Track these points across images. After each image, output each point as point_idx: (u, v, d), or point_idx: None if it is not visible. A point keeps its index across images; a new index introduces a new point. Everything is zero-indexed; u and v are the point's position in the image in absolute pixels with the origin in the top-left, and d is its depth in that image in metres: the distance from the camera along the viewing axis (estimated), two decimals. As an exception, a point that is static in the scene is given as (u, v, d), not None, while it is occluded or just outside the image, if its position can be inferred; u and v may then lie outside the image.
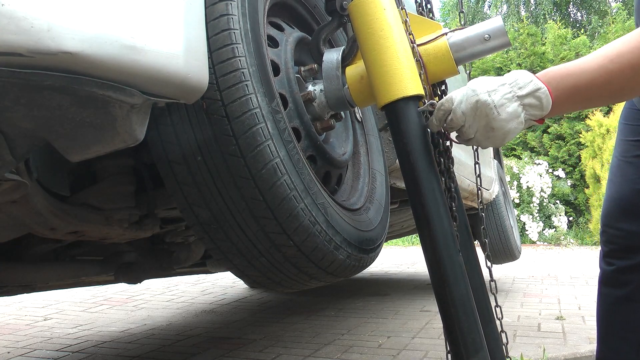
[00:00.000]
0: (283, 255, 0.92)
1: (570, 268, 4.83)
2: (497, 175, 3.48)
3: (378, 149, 1.31)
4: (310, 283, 1.03)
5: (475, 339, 0.91)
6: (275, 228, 0.87)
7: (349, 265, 1.01)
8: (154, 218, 1.15)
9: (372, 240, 1.10)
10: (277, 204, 0.85)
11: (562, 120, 8.76)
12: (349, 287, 3.99)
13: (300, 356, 2.11)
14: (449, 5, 16.77)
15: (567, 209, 8.25)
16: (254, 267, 0.94)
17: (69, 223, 0.95)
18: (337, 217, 0.98)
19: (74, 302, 3.42)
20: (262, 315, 2.96)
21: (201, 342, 2.36)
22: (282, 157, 0.85)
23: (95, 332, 2.62)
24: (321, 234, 0.92)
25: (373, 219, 1.15)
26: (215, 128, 0.81)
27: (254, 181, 0.83)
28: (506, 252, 3.45)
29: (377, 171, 1.27)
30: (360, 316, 2.85)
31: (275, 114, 0.87)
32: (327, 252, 0.94)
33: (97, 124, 0.67)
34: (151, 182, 1.07)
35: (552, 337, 2.30)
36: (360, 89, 1.04)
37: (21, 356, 2.21)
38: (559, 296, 3.35)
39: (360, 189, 1.20)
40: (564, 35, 9.39)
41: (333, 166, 1.11)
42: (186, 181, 0.85)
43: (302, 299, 3.46)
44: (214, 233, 0.89)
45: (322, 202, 0.94)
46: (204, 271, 2.62)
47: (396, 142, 0.96)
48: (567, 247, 7.33)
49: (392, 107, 0.95)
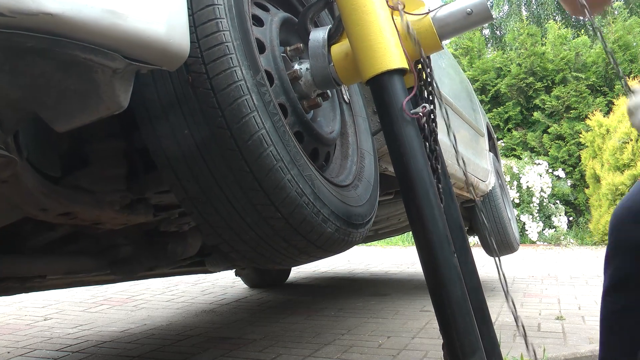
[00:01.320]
0: (272, 228, 0.92)
1: (570, 268, 4.83)
2: (493, 168, 3.49)
3: (366, 130, 1.32)
4: (300, 258, 1.03)
5: (472, 340, 0.92)
6: (262, 200, 0.88)
7: (337, 239, 1.02)
8: (147, 204, 1.16)
9: (361, 216, 1.11)
10: (264, 175, 0.86)
11: (562, 120, 8.76)
12: (349, 287, 4.00)
13: (300, 356, 2.11)
14: (449, 5, 16.73)
15: (567, 209, 8.25)
16: (244, 242, 0.95)
17: (60, 204, 0.96)
18: (325, 190, 0.99)
19: (74, 302, 3.42)
20: (262, 315, 2.96)
21: (201, 342, 2.36)
22: (267, 129, 0.86)
23: (95, 332, 2.62)
24: (309, 206, 0.93)
25: (362, 195, 1.16)
26: (201, 101, 0.83)
27: (241, 153, 0.84)
28: (504, 244, 3.45)
29: (366, 151, 1.28)
30: (360, 316, 2.85)
31: (260, 87, 0.88)
32: (315, 225, 0.95)
33: (82, 92, 0.69)
34: (142, 166, 1.08)
35: (552, 337, 2.30)
36: (345, 66, 1.05)
37: (21, 356, 2.21)
38: (559, 296, 3.35)
39: (349, 167, 1.21)
40: (564, 35, 9.39)
41: (321, 143, 1.12)
42: (174, 156, 0.87)
43: (302, 299, 3.46)
44: (202, 207, 0.90)
45: (309, 174, 0.95)
46: (204, 271, 2.63)
47: (381, 116, 0.97)
48: (567, 247, 7.33)
49: (377, 81, 0.96)
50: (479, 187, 2.92)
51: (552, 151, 8.67)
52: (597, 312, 2.81)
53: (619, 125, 7.09)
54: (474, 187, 2.79)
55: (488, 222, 3.33)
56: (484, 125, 3.52)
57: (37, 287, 1.77)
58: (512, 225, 3.61)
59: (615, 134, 7.13)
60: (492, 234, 3.36)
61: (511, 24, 12.91)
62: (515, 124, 9.31)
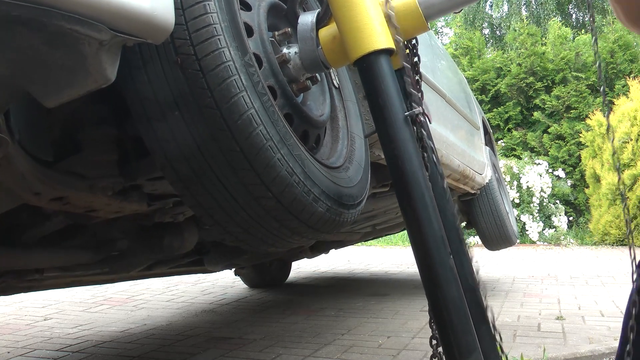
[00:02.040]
0: (263, 207, 0.93)
1: (570, 268, 4.83)
2: (490, 161, 3.49)
3: (356, 114, 1.34)
4: (293, 239, 1.04)
5: (469, 341, 0.92)
6: (253, 179, 0.89)
7: (329, 218, 1.02)
8: (140, 192, 1.17)
9: (352, 197, 1.11)
10: (254, 155, 0.87)
11: (562, 120, 8.76)
12: (349, 287, 4.00)
13: (300, 356, 2.11)
14: (449, 5, 16.73)
15: (567, 209, 8.25)
16: (235, 223, 0.96)
17: (53, 188, 0.96)
18: (315, 170, 0.99)
19: (74, 302, 3.42)
20: (262, 315, 2.96)
21: (201, 342, 2.36)
22: (256, 108, 0.87)
23: (95, 332, 2.62)
24: (299, 185, 0.93)
25: (352, 177, 1.17)
26: (190, 82, 0.84)
27: (231, 132, 0.85)
28: (502, 237, 3.45)
29: (356, 135, 1.29)
30: (360, 316, 2.85)
31: (249, 67, 0.89)
32: (306, 204, 0.96)
33: (69, 65, 0.69)
34: (134, 152, 1.10)
35: (552, 337, 2.30)
36: (333, 48, 1.06)
37: (21, 356, 2.21)
38: (559, 296, 3.35)
39: (339, 150, 1.22)
40: (565, 35, 9.39)
41: (311, 126, 1.13)
42: (165, 137, 0.87)
43: (302, 299, 3.46)
44: (194, 188, 0.91)
45: (299, 154, 0.95)
46: (203, 270, 2.63)
47: (369, 96, 0.98)
48: (567, 247, 7.33)
49: (364, 61, 0.97)
50: (475, 180, 2.92)
51: (552, 151, 8.67)
52: (597, 312, 2.82)
53: (619, 125, 7.09)
54: (470, 180, 2.80)
55: (486, 215, 3.34)
56: (479, 119, 3.53)
57: (36, 287, 1.77)
58: (510, 219, 3.61)
59: (615, 133, 7.13)
60: (490, 227, 3.36)
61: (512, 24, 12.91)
62: (515, 124, 9.31)
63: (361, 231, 2.99)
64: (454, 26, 13.93)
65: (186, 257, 2.12)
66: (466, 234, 7.64)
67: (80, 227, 1.40)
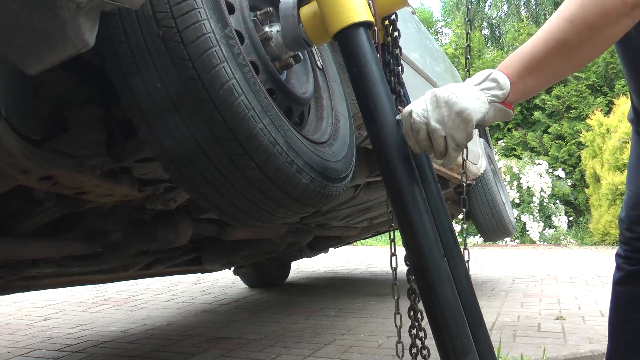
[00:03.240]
0: (247, 178, 0.94)
1: (570, 268, 4.83)
2: (484, 152, 3.50)
3: (340, 94, 1.36)
4: (279, 212, 1.05)
5: (464, 343, 0.93)
6: (236, 149, 0.90)
7: (313, 190, 1.04)
8: (130, 176, 1.19)
9: (336, 171, 1.13)
10: (236, 124, 0.89)
11: (562, 120, 8.76)
12: (349, 287, 4.00)
13: (300, 356, 2.11)
14: (449, 5, 16.78)
15: (567, 209, 8.25)
16: (221, 195, 0.97)
17: (41, 166, 0.98)
18: (298, 142, 1.01)
19: (74, 302, 3.42)
20: (262, 315, 2.97)
21: (201, 342, 2.36)
22: (237, 79, 0.89)
23: (95, 332, 2.62)
24: (282, 155, 0.95)
25: (337, 152, 1.18)
26: (172, 54, 0.85)
27: (213, 102, 0.87)
28: (500, 228, 3.46)
29: (341, 114, 1.31)
30: (360, 316, 2.85)
31: (229, 40, 0.91)
32: (289, 175, 0.97)
33: (48, 30, 0.71)
34: (122, 134, 1.12)
35: (552, 337, 2.30)
36: (314, 25, 1.08)
37: (21, 356, 2.21)
38: (559, 296, 3.35)
39: (324, 128, 1.24)
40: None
41: (294, 102, 1.15)
42: (149, 110, 0.88)
43: (302, 299, 3.46)
44: (178, 161, 0.92)
45: (281, 124, 0.97)
46: (202, 270, 2.63)
47: (350, 69, 0.99)
48: (567, 247, 7.33)
49: (343, 35, 0.99)
50: (470, 170, 2.93)
51: (552, 151, 8.67)
52: (597, 312, 2.82)
53: (619, 124, 7.09)
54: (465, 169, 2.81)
55: (482, 206, 3.34)
56: None
57: (34, 286, 1.78)
58: (506, 209, 3.61)
59: (615, 133, 7.13)
60: (487, 218, 3.37)
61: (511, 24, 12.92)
62: (515, 123, 9.31)
63: (358, 226, 2.98)
64: (453, 26, 13.94)
65: (184, 255, 2.12)
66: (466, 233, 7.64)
67: (75, 220, 1.42)
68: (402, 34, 1.21)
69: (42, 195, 1.18)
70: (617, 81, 8.64)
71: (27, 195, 1.18)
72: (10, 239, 1.26)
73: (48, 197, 1.19)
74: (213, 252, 2.24)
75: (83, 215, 1.43)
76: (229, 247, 2.24)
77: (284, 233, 2.25)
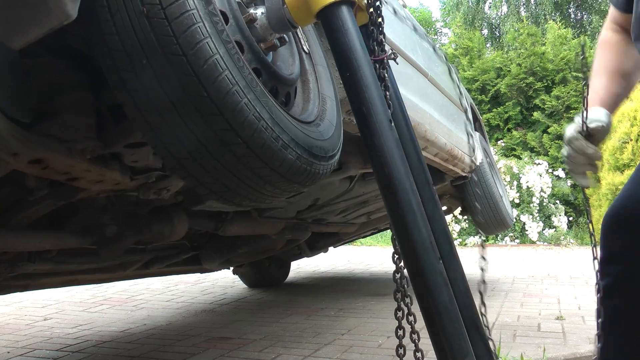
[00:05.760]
0: (233, 154, 0.95)
1: (570, 268, 4.83)
2: (480, 145, 3.50)
3: (327, 77, 1.38)
4: (266, 190, 1.05)
5: (461, 345, 0.93)
6: (222, 124, 0.91)
7: (300, 167, 1.04)
8: (121, 163, 1.20)
9: (323, 149, 1.14)
10: (220, 99, 0.90)
11: (562, 120, 8.76)
12: (349, 287, 4.00)
13: (300, 356, 2.11)
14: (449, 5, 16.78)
15: (567, 209, 8.25)
16: (208, 172, 0.97)
17: (31, 148, 0.99)
18: (283, 118, 1.02)
19: (73, 302, 3.42)
20: (262, 315, 2.97)
21: (201, 342, 2.36)
22: (221, 54, 0.90)
23: (95, 332, 2.62)
24: (267, 130, 0.96)
25: (324, 132, 1.20)
26: (156, 30, 0.87)
27: (197, 77, 0.88)
28: (497, 221, 3.44)
29: (327, 96, 1.33)
30: (360, 316, 2.85)
31: (212, 16, 0.92)
32: (275, 150, 0.98)
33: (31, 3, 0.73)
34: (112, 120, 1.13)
35: (552, 337, 2.30)
36: (298, 5, 1.09)
37: (21, 356, 2.21)
38: (559, 296, 3.35)
39: (310, 109, 1.25)
40: (564, 35, 9.39)
41: (280, 82, 1.16)
42: (135, 87, 0.89)
43: (302, 299, 3.46)
44: (165, 137, 0.93)
45: (266, 100, 0.98)
46: (201, 270, 2.63)
47: (333, 48, 1.01)
48: (567, 247, 7.33)
49: (326, 13, 1.01)
50: (465, 161, 2.94)
51: (552, 151, 8.67)
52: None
53: (619, 125, 7.09)
54: (460, 161, 2.82)
55: (479, 198, 3.34)
56: (467, 105, 3.54)
57: (32, 286, 1.78)
58: (504, 202, 3.60)
59: (615, 133, 7.12)
60: (485, 211, 3.36)
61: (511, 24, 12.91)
62: (515, 124, 9.31)
63: (355, 222, 2.97)
64: (453, 26, 13.94)
65: (182, 254, 2.13)
66: (466, 233, 7.64)
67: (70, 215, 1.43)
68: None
69: (34, 183, 1.19)
70: (617, 81, 8.63)
71: (19, 184, 1.19)
72: (5, 231, 1.27)
73: (40, 186, 1.20)
74: (211, 250, 2.24)
75: (78, 211, 1.44)
76: (226, 245, 2.24)
77: (281, 229, 2.25)
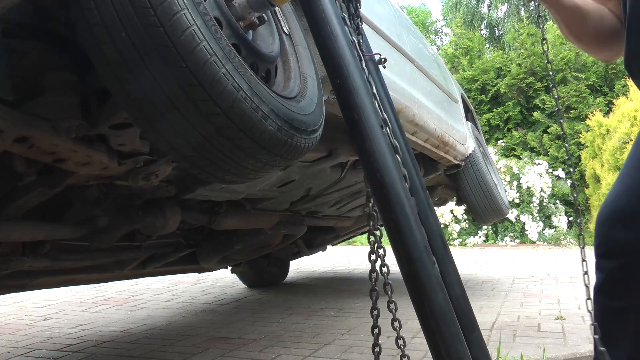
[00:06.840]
0: (214, 125, 0.96)
1: (570, 268, 4.83)
2: (472, 134, 3.51)
3: (308, 58, 1.40)
4: (248, 163, 1.06)
5: (458, 348, 0.93)
6: (201, 95, 0.92)
7: (281, 139, 1.06)
8: (108, 146, 1.21)
9: (304, 123, 1.15)
10: (199, 69, 0.91)
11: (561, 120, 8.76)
12: (349, 287, 4.00)
13: (300, 356, 2.11)
14: (449, 5, 16.78)
15: (567, 209, 8.25)
16: (190, 146, 0.99)
17: (16, 126, 1.00)
18: (262, 89, 1.03)
19: (73, 302, 3.42)
20: (262, 315, 2.97)
21: (201, 342, 2.36)
22: (199, 25, 0.92)
23: (95, 332, 2.62)
24: (246, 100, 0.97)
25: (305, 107, 1.21)
26: (134, 2, 0.88)
27: (175, 48, 0.89)
28: (493, 209, 3.43)
29: (309, 75, 1.34)
30: (360, 316, 2.85)
31: None
32: (255, 121, 0.99)
33: None
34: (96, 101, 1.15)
35: (552, 337, 2.30)
36: None
37: (21, 356, 2.21)
38: (559, 296, 3.35)
39: (292, 87, 1.27)
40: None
41: (259, 58, 1.17)
42: (114, 59, 0.90)
43: (302, 299, 3.46)
44: (147, 110, 0.94)
45: (244, 71, 0.99)
46: (198, 269, 2.63)
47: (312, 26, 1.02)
48: (567, 247, 7.33)
49: None
50: (457, 149, 2.94)
51: (552, 151, 8.67)
52: (597, 312, 2.81)
53: (619, 125, 7.09)
54: (451, 148, 2.82)
55: (474, 187, 3.34)
56: (457, 94, 3.55)
57: (30, 285, 1.78)
58: (498, 190, 3.59)
59: (615, 134, 7.13)
60: (479, 199, 3.36)
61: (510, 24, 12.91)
62: (515, 124, 9.31)
63: (351, 215, 2.97)
64: (453, 26, 13.94)
65: (178, 252, 2.13)
66: (466, 233, 7.64)
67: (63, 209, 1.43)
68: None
69: (22, 167, 1.20)
70: (617, 81, 8.64)
71: (7, 168, 1.20)
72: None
73: (28, 171, 1.21)
74: (207, 247, 2.25)
75: (71, 205, 1.45)
76: (222, 242, 2.25)
77: (275, 223, 2.26)
